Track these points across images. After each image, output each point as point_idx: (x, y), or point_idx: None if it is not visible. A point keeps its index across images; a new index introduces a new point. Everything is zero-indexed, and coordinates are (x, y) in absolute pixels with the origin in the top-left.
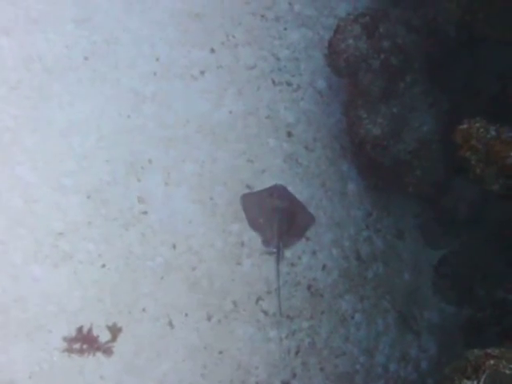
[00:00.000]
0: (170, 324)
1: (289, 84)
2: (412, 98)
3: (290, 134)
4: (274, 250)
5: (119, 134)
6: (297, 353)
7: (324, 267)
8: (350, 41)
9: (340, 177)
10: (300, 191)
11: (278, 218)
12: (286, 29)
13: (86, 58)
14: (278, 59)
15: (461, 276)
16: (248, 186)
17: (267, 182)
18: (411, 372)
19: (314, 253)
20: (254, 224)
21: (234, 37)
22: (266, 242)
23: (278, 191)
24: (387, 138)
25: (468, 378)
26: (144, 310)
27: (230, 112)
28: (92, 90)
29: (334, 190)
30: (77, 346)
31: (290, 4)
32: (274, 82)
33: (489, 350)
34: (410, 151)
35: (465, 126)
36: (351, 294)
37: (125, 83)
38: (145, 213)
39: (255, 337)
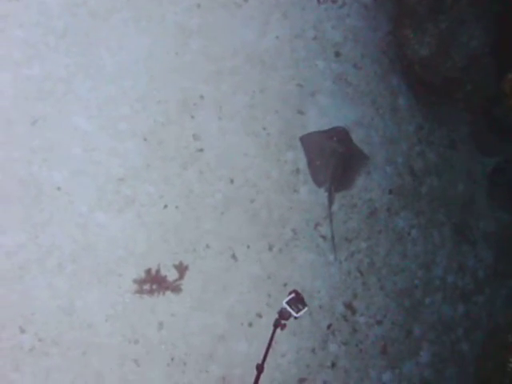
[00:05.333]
0: (234, 257)
1: (333, 1)
2: (460, 10)
3: (337, 54)
4: (326, 192)
5: (169, 73)
6: (356, 274)
7: (379, 186)
8: None
9: (390, 92)
10: (351, 111)
11: (333, 162)
12: None
13: None
14: None
15: None
16: (300, 112)
17: (318, 106)
18: (469, 282)
19: (368, 173)
20: (310, 164)
21: None
22: (318, 184)
23: (339, 134)
24: (435, 57)
25: None
26: (208, 245)
27: (277, 37)
28: (138, 30)
29: (385, 106)
30: (147, 286)
31: None
32: (318, 0)
33: None
34: (459, 68)
35: None
36: (407, 210)
37: (170, 19)
38: (201, 150)
39: (316, 262)
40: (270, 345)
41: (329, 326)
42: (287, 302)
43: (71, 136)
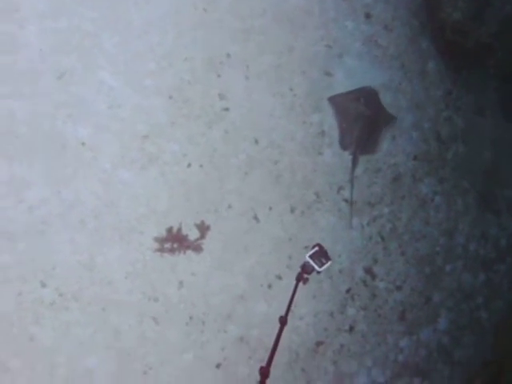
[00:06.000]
0: (256, 218)
1: None
2: None
3: (368, 15)
4: (350, 155)
5: (196, 30)
6: (378, 239)
7: (404, 151)
8: None
9: (419, 56)
10: (379, 74)
11: (359, 126)
12: None
13: None
14: None
15: None
16: (327, 73)
17: (346, 68)
18: (490, 251)
19: (393, 138)
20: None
21: None
22: (343, 146)
23: (366, 96)
24: (468, 21)
25: None
26: (230, 206)
27: None
28: None
29: (414, 70)
30: (168, 245)
31: None
32: None
33: None
34: (492, 33)
35: None
36: (431, 176)
37: None
38: (226, 109)
39: (337, 226)
40: (292, 299)
41: (348, 291)
42: (310, 256)
43: (97, 91)
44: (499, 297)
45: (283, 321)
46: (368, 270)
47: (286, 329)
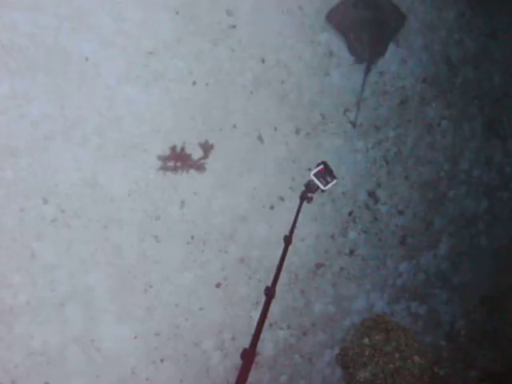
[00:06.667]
0: (260, 138)
1: None
2: None
3: None
4: (365, 62)
5: None
6: (382, 162)
7: (412, 74)
8: None
9: None
10: None
11: (366, 31)
12: None
13: None
14: None
15: None
16: None
17: None
18: (494, 177)
19: (403, 60)
20: (345, 40)
21: None
22: (356, 57)
23: (364, 0)
24: None
25: None
26: (234, 125)
27: None
28: None
29: None
30: (171, 163)
31: None
32: None
33: None
34: None
35: None
36: (439, 100)
37: None
38: (233, 26)
39: (342, 148)
40: (296, 217)
41: (350, 213)
42: (315, 174)
43: (101, 4)
44: (500, 224)
45: (288, 240)
46: (371, 194)
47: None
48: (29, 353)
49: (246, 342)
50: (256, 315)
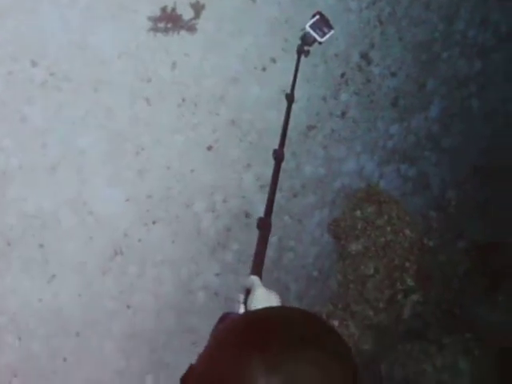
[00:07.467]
0: None
1: None
2: None
3: None
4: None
5: None
6: (376, 23)
7: None
8: None
9: None
10: None
11: None
12: None
13: None
14: None
15: None
16: None
17: None
18: (490, 38)
19: None
20: None
21: None
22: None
23: None
24: None
25: None
26: None
27: None
28: None
29: None
30: (161, 24)
31: None
32: None
33: None
34: None
35: None
36: None
37: None
38: None
39: (335, 7)
40: (296, 73)
41: (342, 75)
42: (311, 26)
43: None
44: (493, 86)
45: (290, 98)
46: (364, 55)
47: (278, 113)
48: (23, 215)
49: (236, 204)
50: (247, 178)
